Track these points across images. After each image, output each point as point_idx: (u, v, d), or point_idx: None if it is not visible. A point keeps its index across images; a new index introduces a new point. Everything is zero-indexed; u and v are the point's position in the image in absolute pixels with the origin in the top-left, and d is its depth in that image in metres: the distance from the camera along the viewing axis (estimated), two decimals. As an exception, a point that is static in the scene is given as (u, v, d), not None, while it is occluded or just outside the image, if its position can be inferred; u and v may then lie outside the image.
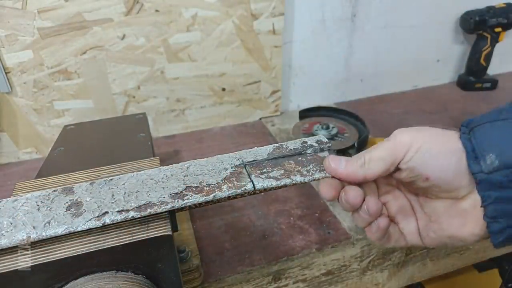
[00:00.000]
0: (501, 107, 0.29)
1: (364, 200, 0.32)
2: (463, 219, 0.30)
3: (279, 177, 0.35)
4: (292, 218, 0.58)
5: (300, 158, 0.37)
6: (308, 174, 0.34)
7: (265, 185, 0.34)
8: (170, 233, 0.32)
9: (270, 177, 0.35)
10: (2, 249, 0.29)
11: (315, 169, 0.35)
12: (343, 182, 0.33)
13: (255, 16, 0.76)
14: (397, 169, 0.30)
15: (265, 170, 0.36)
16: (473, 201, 0.29)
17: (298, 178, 0.34)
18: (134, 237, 0.31)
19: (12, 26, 0.64)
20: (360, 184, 0.33)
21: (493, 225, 0.28)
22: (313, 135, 0.67)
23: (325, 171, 0.34)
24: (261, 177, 0.35)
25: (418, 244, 0.34)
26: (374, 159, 0.30)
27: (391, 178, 0.33)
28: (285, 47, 0.84)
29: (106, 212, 0.31)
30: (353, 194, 0.31)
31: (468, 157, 0.28)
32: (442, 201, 0.31)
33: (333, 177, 0.33)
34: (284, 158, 0.37)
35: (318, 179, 0.34)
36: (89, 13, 0.67)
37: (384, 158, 0.30)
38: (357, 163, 0.31)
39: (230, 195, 0.34)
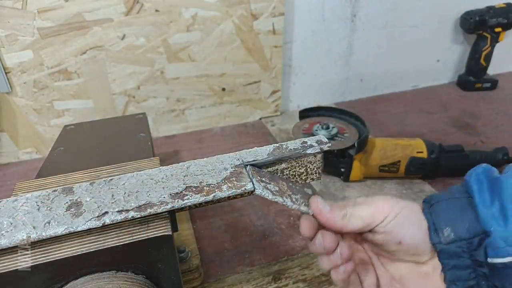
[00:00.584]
0: (454, 187, 0.34)
1: (337, 246, 0.34)
2: (424, 281, 0.34)
3: (274, 192, 0.36)
4: (292, 218, 0.58)
5: (291, 184, 0.38)
6: (296, 202, 0.36)
7: (263, 193, 0.35)
8: (170, 233, 0.32)
9: (267, 188, 0.35)
10: (2, 249, 0.29)
11: (301, 201, 0.36)
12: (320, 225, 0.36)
13: (255, 16, 0.76)
14: (372, 231, 0.34)
15: (264, 179, 0.36)
16: (433, 265, 0.33)
17: (289, 203, 0.35)
18: (134, 237, 0.31)
19: (12, 26, 0.64)
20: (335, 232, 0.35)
21: None
22: (313, 135, 0.67)
23: (309, 208, 0.35)
24: (260, 184, 0.35)
25: None
26: (354, 216, 0.34)
27: (359, 235, 0.37)
28: (285, 47, 0.84)
29: (106, 212, 0.31)
30: (329, 239, 0.34)
31: (429, 229, 0.32)
32: (404, 264, 0.35)
33: (313, 216, 0.35)
34: (279, 177, 0.38)
35: (303, 212, 0.36)
36: (89, 13, 0.67)
37: (363, 218, 0.33)
38: (339, 213, 0.34)
39: (230, 195, 0.34)
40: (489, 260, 0.30)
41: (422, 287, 0.34)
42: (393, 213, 0.33)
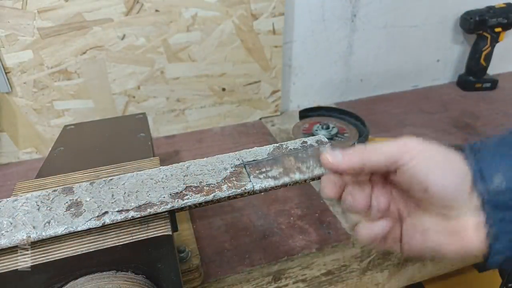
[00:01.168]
0: (500, 135, 0.29)
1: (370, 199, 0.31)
2: (451, 238, 0.29)
3: (277, 176, 0.35)
4: (292, 218, 0.58)
5: (300, 154, 0.36)
6: (307, 171, 0.34)
7: (263, 186, 0.34)
8: (170, 233, 0.32)
9: (268, 177, 0.35)
10: (2, 249, 0.29)
11: (315, 164, 0.34)
12: (344, 177, 0.32)
13: (255, 16, 0.76)
14: (397, 171, 0.29)
15: (264, 170, 0.36)
16: (465, 222, 0.28)
17: (297, 176, 0.34)
18: (134, 237, 0.31)
19: (12, 26, 0.64)
20: (358, 175, 0.31)
21: (495, 245, 0.27)
22: (313, 135, 0.67)
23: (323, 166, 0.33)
24: (259, 178, 0.35)
25: (395, 250, 0.33)
26: (376, 150, 0.29)
27: (386, 182, 0.33)
28: (285, 47, 0.84)
29: (106, 212, 0.31)
30: (360, 196, 0.30)
31: (475, 176, 0.28)
32: (431, 216, 0.30)
33: (332, 172, 0.32)
34: (284, 155, 0.37)
35: (319, 177, 0.34)
36: (89, 13, 0.67)
37: (385, 153, 0.29)
38: (357, 152, 0.30)
39: (230, 195, 0.34)
40: None
41: (446, 243, 0.29)
42: (424, 153, 0.28)
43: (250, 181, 0.35)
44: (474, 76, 1.00)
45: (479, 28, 0.94)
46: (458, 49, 1.03)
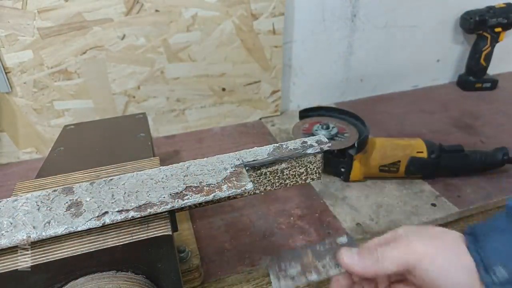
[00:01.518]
0: (498, 215, 0.31)
1: None
2: None
3: (296, 278, 0.34)
4: (292, 218, 0.58)
5: (317, 247, 0.36)
6: (324, 270, 0.34)
7: (283, 284, 0.33)
8: (170, 233, 0.32)
9: (287, 277, 0.34)
10: (2, 249, 0.29)
11: (330, 264, 0.34)
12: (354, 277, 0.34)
13: (255, 16, 0.76)
14: (407, 276, 0.31)
15: (283, 267, 0.35)
16: None
17: (314, 277, 0.33)
18: (134, 237, 0.31)
19: (12, 26, 0.64)
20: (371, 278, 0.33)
21: None
22: (313, 135, 0.67)
23: (339, 267, 0.34)
24: (280, 281, 0.34)
25: None
26: (387, 258, 0.31)
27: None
28: (285, 47, 0.84)
29: (106, 212, 0.31)
30: None
31: (478, 268, 0.29)
32: None
33: (346, 271, 0.33)
34: (303, 249, 0.36)
35: (335, 275, 0.34)
36: (89, 13, 0.67)
37: (397, 260, 0.30)
38: (371, 258, 0.31)
39: (230, 195, 0.34)
40: None
41: None
42: (429, 255, 0.30)
43: (250, 182, 0.35)
44: (474, 76, 1.00)
45: (479, 28, 0.94)
46: (458, 49, 1.03)
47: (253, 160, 0.38)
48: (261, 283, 0.50)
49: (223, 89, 0.82)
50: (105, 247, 0.30)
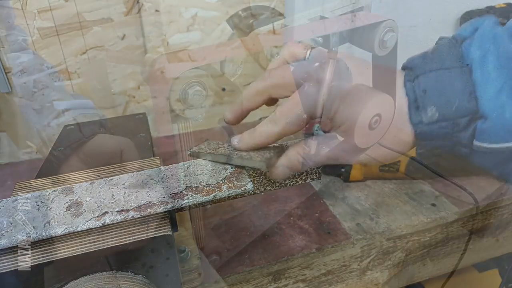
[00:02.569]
0: (445, 47, 0.28)
1: None
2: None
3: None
4: (292, 218, 0.58)
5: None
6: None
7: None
8: (170, 233, 0.32)
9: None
10: (2, 249, 0.29)
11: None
12: None
13: (255, 16, 0.76)
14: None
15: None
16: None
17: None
18: (134, 237, 0.31)
19: (12, 26, 0.64)
20: None
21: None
22: (313, 135, 0.67)
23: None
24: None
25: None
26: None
27: None
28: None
29: (106, 212, 0.31)
30: None
31: (410, 106, 0.28)
32: None
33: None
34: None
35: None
36: (89, 13, 0.67)
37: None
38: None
39: (230, 195, 0.34)
40: (477, 143, 0.25)
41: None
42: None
43: (250, 181, 0.35)
44: (474, 76, 1.00)
45: (479, 28, 0.94)
46: (458, 49, 1.03)
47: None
48: (261, 283, 0.50)
49: (223, 89, 0.82)
50: (105, 247, 0.30)
